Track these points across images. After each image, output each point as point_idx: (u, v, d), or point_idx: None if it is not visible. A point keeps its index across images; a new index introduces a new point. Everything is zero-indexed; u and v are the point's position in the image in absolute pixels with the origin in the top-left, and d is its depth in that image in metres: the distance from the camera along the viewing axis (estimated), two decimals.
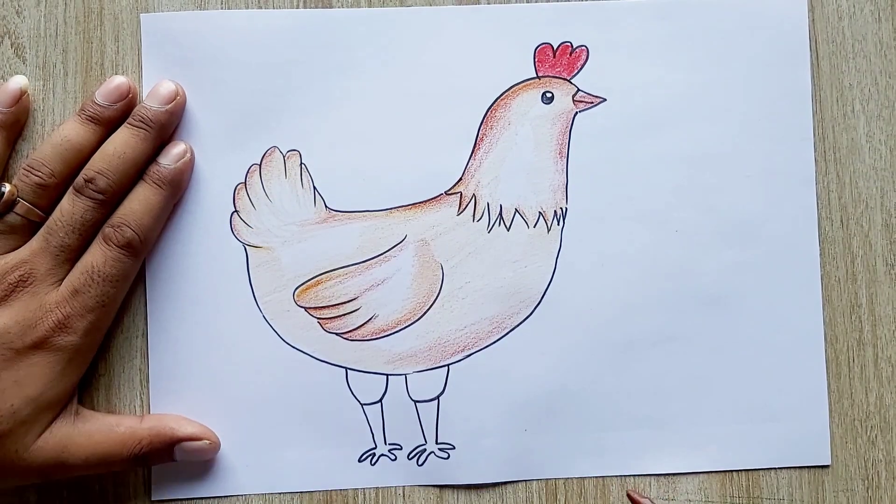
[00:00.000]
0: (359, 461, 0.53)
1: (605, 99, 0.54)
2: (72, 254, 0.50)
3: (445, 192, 0.53)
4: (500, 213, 0.53)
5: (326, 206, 0.53)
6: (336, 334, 0.53)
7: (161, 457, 0.51)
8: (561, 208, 0.54)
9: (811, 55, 0.55)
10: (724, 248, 0.54)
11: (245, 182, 0.53)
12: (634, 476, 0.54)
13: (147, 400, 0.53)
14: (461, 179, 0.53)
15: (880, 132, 0.55)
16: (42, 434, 0.49)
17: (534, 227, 0.53)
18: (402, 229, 0.53)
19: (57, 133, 0.51)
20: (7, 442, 0.48)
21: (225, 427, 0.52)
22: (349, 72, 0.53)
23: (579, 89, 0.54)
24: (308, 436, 0.53)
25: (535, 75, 0.54)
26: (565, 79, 0.54)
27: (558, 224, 0.54)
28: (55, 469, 0.49)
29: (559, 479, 0.53)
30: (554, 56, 0.54)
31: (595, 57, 0.54)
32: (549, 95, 0.54)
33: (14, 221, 0.50)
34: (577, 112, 0.54)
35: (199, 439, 0.51)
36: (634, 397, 0.54)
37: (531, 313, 0.54)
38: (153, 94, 0.51)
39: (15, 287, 0.49)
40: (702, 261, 0.54)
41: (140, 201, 0.50)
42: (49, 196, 0.50)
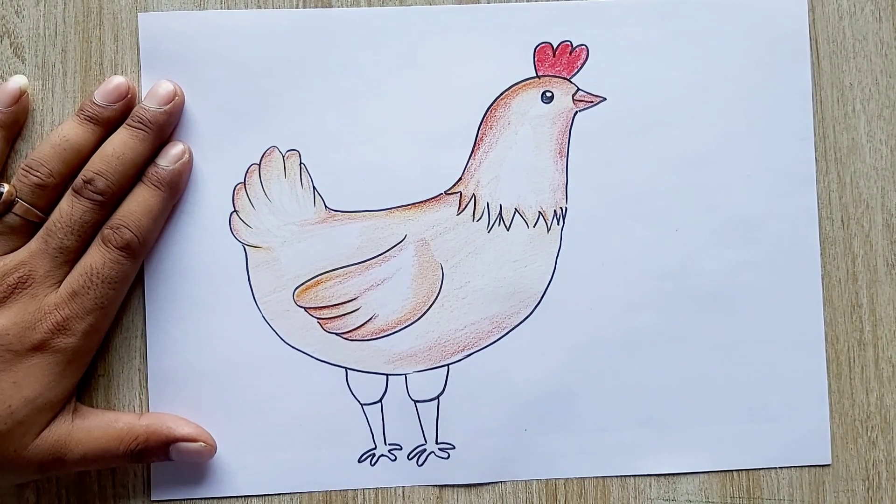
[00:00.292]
0: (359, 461, 0.53)
1: (605, 98, 0.54)
2: (71, 255, 0.50)
3: (445, 192, 0.53)
4: (500, 213, 0.53)
5: (326, 206, 0.53)
6: (336, 334, 0.53)
7: (157, 455, 0.51)
8: (561, 208, 0.54)
9: (811, 55, 0.54)
10: (725, 248, 0.54)
11: (244, 182, 0.53)
12: (634, 476, 0.54)
13: (146, 400, 0.53)
14: (461, 179, 0.53)
15: (881, 132, 0.55)
16: (41, 433, 0.49)
17: (533, 227, 0.53)
18: (402, 229, 0.53)
19: (56, 133, 0.51)
20: (5, 442, 0.48)
21: (224, 427, 0.52)
22: (349, 72, 0.53)
23: (579, 88, 0.54)
24: (308, 436, 0.53)
25: (535, 74, 0.54)
26: (565, 78, 0.54)
27: (558, 224, 0.54)
28: (53, 465, 0.49)
29: (559, 479, 0.53)
30: (554, 55, 0.54)
31: (595, 56, 0.54)
32: (549, 95, 0.54)
33: (12, 222, 0.50)
34: (577, 111, 0.54)
35: (195, 441, 0.51)
36: (634, 397, 0.53)
37: (531, 313, 0.53)
38: (152, 95, 0.51)
39: (14, 289, 0.49)
40: (702, 260, 0.54)
41: (139, 203, 0.50)
42: (48, 196, 0.50)
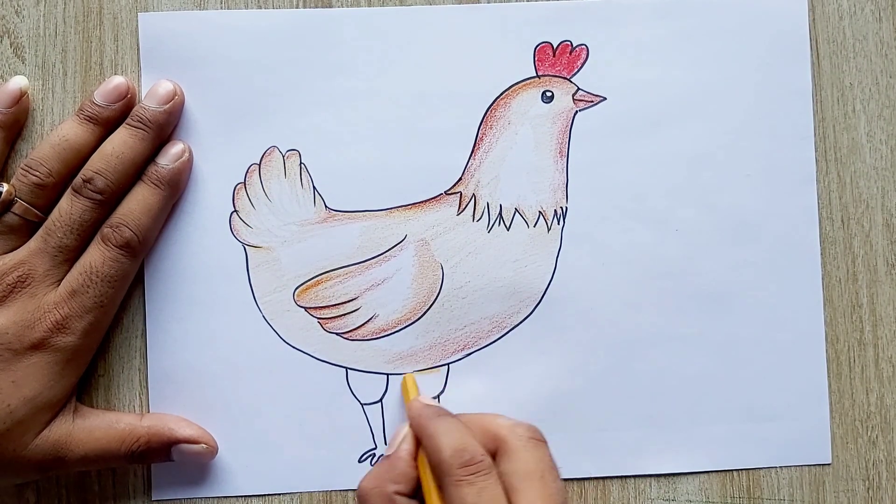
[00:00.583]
0: (359, 461, 0.53)
1: (605, 98, 0.54)
2: (70, 254, 0.50)
3: (445, 192, 0.53)
4: (500, 213, 0.53)
5: (326, 206, 0.53)
6: (336, 334, 0.53)
7: (158, 456, 0.51)
8: (561, 207, 0.53)
9: (811, 54, 0.54)
10: (725, 248, 0.54)
11: (244, 182, 0.53)
12: (634, 476, 0.54)
13: (146, 400, 0.53)
14: (461, 179, 0.53)
15: (881, 132, 0.55)
16: (41, 433, 0.49)
17: (534, 227, 0.53)
18: (402, 229, 0.53)
19: (55, 133, 0.51)
20: (4, 441, 0.48)
21: (225, 427, 0.52)
22: (349, 71, 0.53)
23: (579, 88, 0.54)
24: (308, 436, 0.53)
25: (535, 74, 0.54)
26: (565, 78, 0.54)
27: (558, 223, 0.54)
28: (53, 465, 0.49)
29: None
30: (554, 55, 0.54)
31: (595, 56, 0.54)
32: (549, 94, 0.53)
33: (12, 221, 0.50)
34: (578, 111, 0.54)
35: (197, 442, 0.51)
36: (634, 397, 0.53)
37: (531, 313, 0.53)
38: (151, 94, 0.51)
39: (13, 288, 0.49)
40: (702, 260, 0.54)
41: (139, 201, 0.50)
42: (47, 196, 0.50)
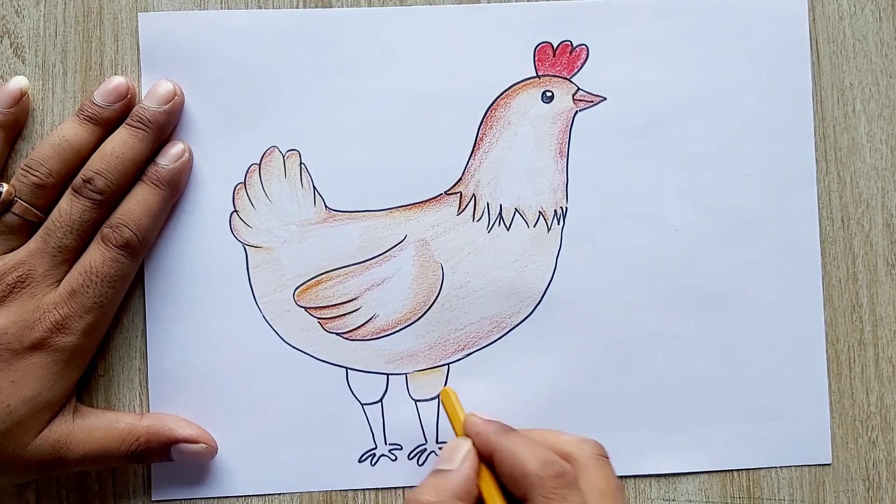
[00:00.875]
0: (359, 461, 0.53)
1: (606, 98, 0.54)
2: (70, 254, 0.50)
3: (445, 192, 0.53)
4: (500, 213, 0.53)
5: (326, 206, 0.53)
6: (336, 334, 0.53)
7: (157, 456, 0.51)
8: (561, 208, 0.53)
9: (812, 54, 0.54)
10: (725, 248, 0.54)
11: (244, 182, 0.53)
12: (634, 476, 0.54)
13: (146, 400, 0.53)
14: (461, 179, 0.53)
15: (881, 132, 0.55)
16: (41, 433, 0.49)
17: (534, 227, 0.53)
18: (402, 229, 0.53)
19: (55, 133, 0.51)
20: (4, 441, 0.48)
21: (225, 427, 0.52)
22: (349, 72, 0.53)
23: (579, 88, 0.54)
24: (308, 436, 0.53)
25: (535, 74, 0.54)
26: (565, 78, 0.54)
27: (558, 223, 0.53)
28: (53, 465, 0.49)
29: None
30: (554, 55, 0.54)
31: (595, 56, 0.54)
32: (549, 94, 0.53)
33: (11, 222, 0.50)
34: (578, 111, 0.54)
35: (197, 442, 0.51)
36: (634, 397, 0.53)
37: (531, 313, 0.53)
38: (151, 95, 0.51)
39: (13, 288, 0.49)
40: (702, 260, 0.54)
41: (138, 201, 0.50)
42: (47, 196, 0.50)
